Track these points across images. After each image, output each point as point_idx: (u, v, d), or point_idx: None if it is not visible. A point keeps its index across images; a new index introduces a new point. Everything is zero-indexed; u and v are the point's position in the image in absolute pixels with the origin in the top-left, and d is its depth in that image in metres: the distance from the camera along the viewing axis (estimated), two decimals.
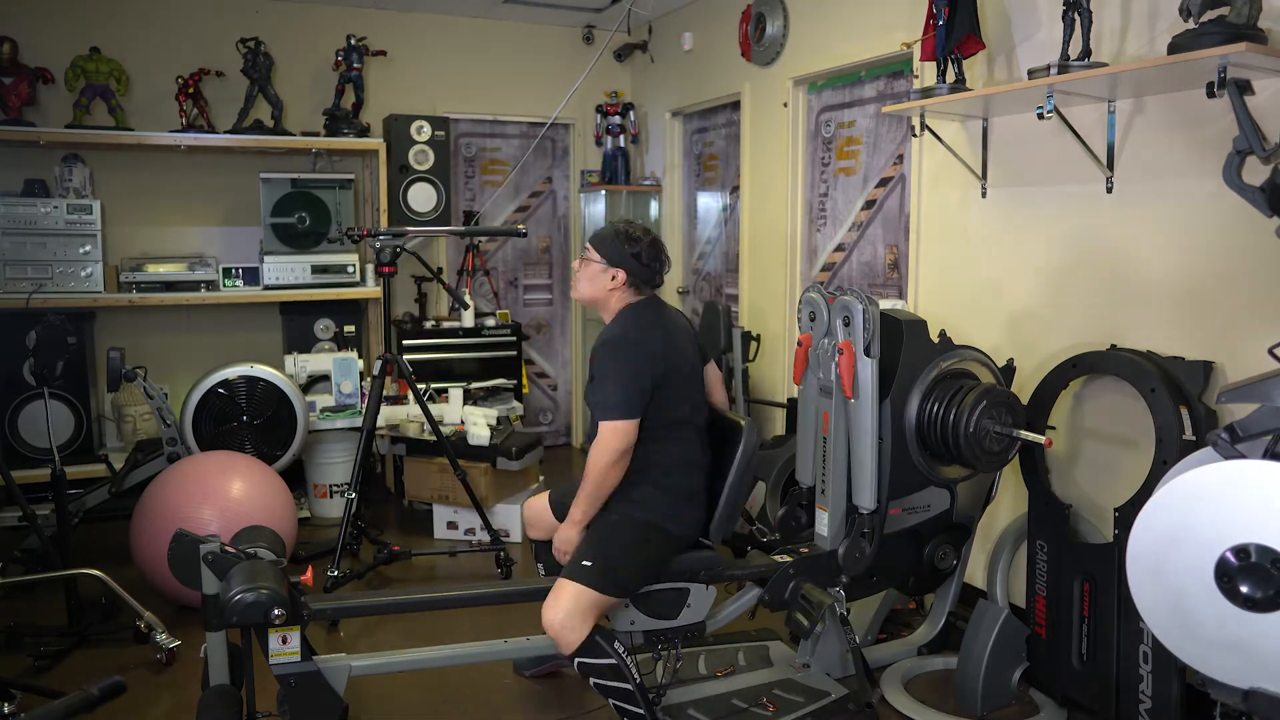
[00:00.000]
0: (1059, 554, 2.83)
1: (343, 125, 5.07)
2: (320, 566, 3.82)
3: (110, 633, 3.30)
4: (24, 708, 2.61)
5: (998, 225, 3.34)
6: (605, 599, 2.60)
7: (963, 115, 3.35)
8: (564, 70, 5.68)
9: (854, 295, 2.74)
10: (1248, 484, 1.80)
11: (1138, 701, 2.60)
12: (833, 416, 2.87)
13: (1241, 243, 2.54)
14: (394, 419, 4.69)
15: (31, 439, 4.43)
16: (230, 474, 3.63)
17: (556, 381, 6.33)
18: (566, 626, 2.52)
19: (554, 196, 6.19)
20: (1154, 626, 1.95)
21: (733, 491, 2.79)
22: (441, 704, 2.95)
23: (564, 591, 2.57)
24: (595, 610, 2.58)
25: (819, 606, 2.76)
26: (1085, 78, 2.60)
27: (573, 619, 2.53)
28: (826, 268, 4.44)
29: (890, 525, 2.85)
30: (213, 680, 2.37)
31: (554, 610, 2.55)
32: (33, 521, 3.33)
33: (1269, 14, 2.38)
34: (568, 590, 2.57)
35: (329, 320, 5.14)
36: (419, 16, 5.54)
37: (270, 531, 2.66)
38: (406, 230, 3.96)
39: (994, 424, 2.72)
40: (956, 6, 3.01)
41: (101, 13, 4.85)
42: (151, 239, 5.03)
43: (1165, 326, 2.76)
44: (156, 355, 4.93)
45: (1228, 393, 2.00)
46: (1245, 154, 2.22)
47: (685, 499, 2.75)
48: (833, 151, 4.39)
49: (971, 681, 2.86)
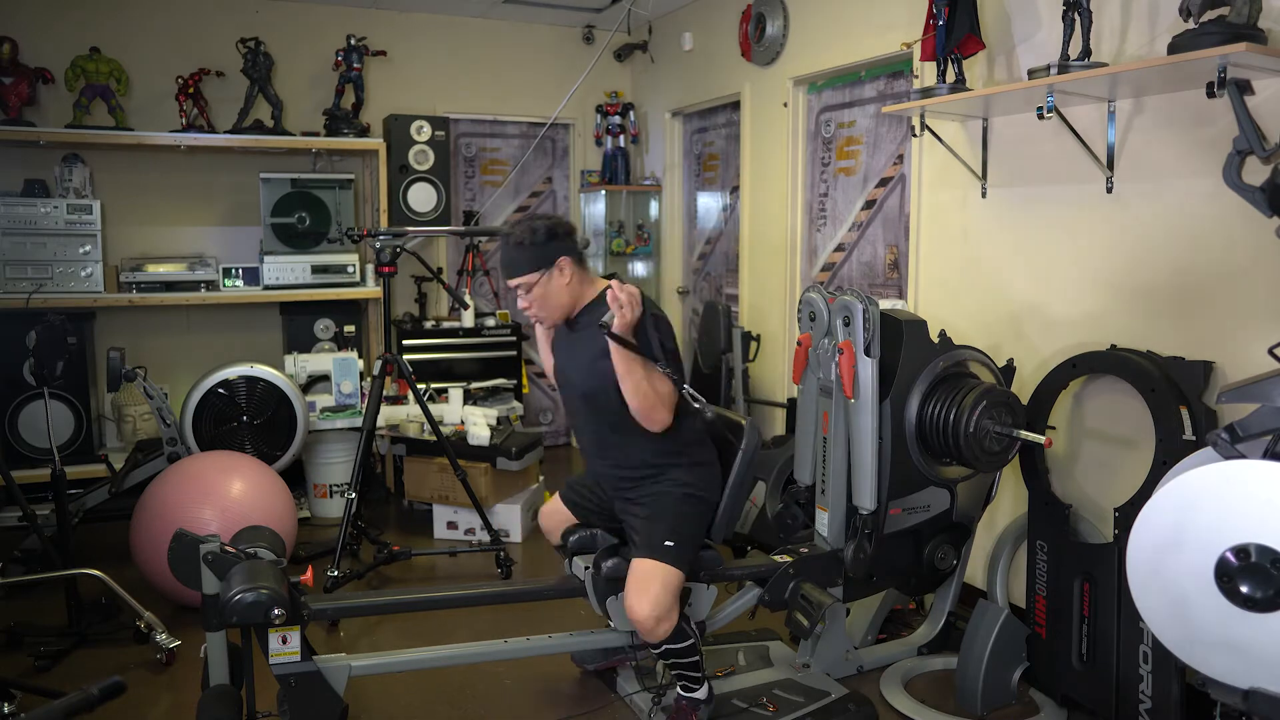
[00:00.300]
0: (1059, 554, 2.83)
1: (343, 125, 5.07)
2: (320, 566, 3.82)
3: (110, 633, 3.30)
4: (24, 708, 2.61)
5: (998, 225, 3.34)
6: (683, 578, 2.50)
7: (963, 115, 3.35)
8: (564, 70, 5.68)
9: (854, 295, 2.74)
10: (1248, 484, 1.80)
11: (1138, 701, 2.60)
12: (833, 416, 2.88)
13: (1241, 243, 2.54)
14: (394, 419, 4.69)
15: (31, 439, 4.42)
16: (230, 474, 3.63)
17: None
18: (662, 617, 2.42)
19: (554, 196, 6.19)
20: (1154, 626, 1.95)
21: (734, 491, 2.78)
22: (441, 704, 2.95)
23: (652, 580, 2.43)
24: (680, 591, 2.49)
25: (819, 606, 2.76)
26: (1085, 78, 2.60)
27: (666, 608, 2.42)
28: (826, 268, 4.44)
29: (890, 525, 2.85)
30: (213, 680, 2.37)
31: (646, 602, 2.40)
32: (33, 521, 3.33)
33: (1269, 14, 2.38)
34: (657, 576, 2.43)
35: (329, 320, 5.14)
36: (419, 16, 5.54)
37: (270, 531, 2.66)
38: (406, 230, 3.97)
39: (994, 424, 2.72)
40: (956, 6, 3.01)
41: (101, 13, 4.85)
42: (151, 239, 5.03)
43: (1165, 326, 2.76)
44: (156, 355, 4.93)
45: (1228, 393, 2.00)
46: (1245, 154, 2.22)
47: (714, 468, 2.72)
48: (833, 151, 4.39)
49: (971, 681, 2.85)
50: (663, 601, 2.43)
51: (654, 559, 2.48)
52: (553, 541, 3.01)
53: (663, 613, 2.43)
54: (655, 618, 2.42)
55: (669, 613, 2.45)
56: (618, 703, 2.94)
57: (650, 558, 2.49)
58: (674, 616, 2.46)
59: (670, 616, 2.45)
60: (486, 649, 2.75)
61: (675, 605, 2.47)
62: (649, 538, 2.52)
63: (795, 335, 3.01)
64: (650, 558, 2.49)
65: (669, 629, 2.45)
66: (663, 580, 2.45)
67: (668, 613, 2.44)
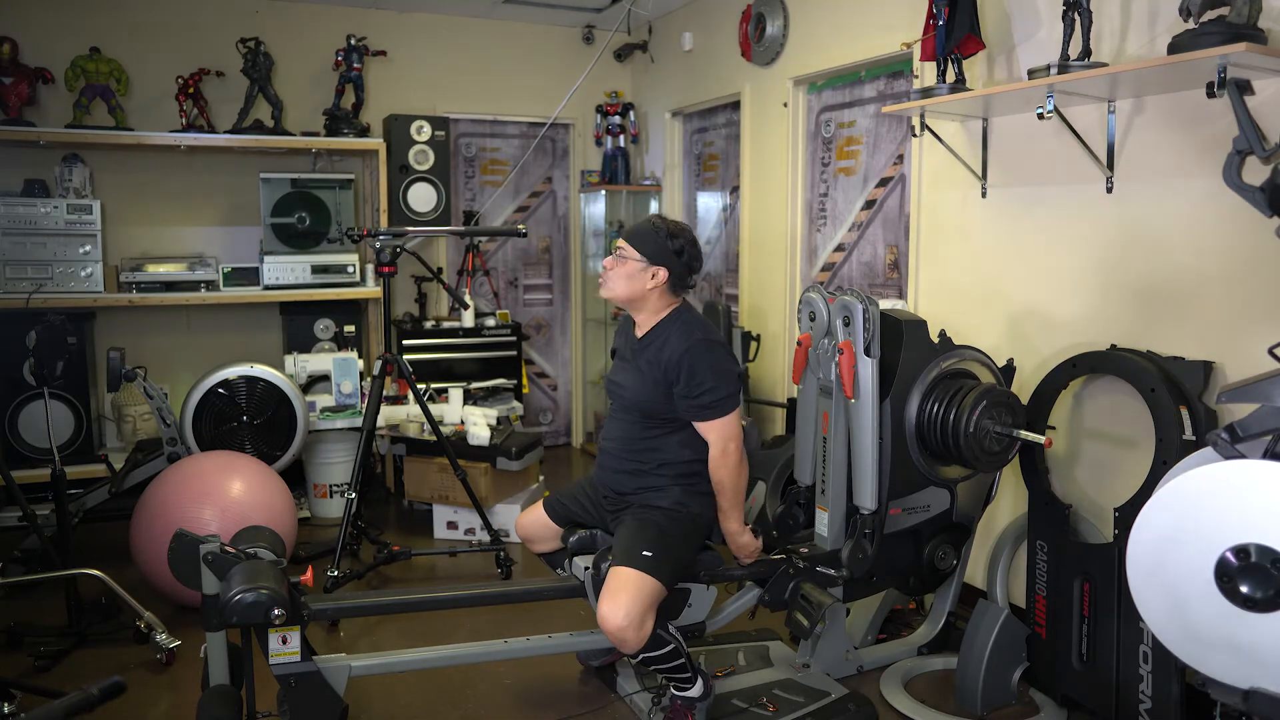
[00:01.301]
0: (1059, 554, 2.83)
1: (343, 125, 5.07)
2: (320, 566, 3.82)
3: (110, 633, 3.30)
4: (24, 708, 2.61)
5: (998, 225, 3.34)
6: (662, 590, 2.48)
7: (963, 115, 3.35)
8: (564, 70, 5.68)
9: (854, 295, 2.74)
10: (1248, 484, 1.80)
11: (1138, 701, 2.60)
12: (833, 416, 2.88)
13: (1241, 243, 2.54)
14: (394, 419, 4.69)
15: (31, 439, 4.42)
16: (230, 474, 3.62)
17: (556, 381, 6.33)
18: (631, 627, 2.40)
19: (554, 196, 6.19)
20: (1154, 626, 1.95)
21: None
22: (441, 704, 2.95)
23: (624, 588, 2.42)
24: (655, 603, 2.47)
25: (819, 606, 2.76)
26: (1085, 78, 2.59)
27: (636, 619, 2.41)
28: (826, 268, 4.44)
29: (890, 525, 2.85)
30: (213, 680, 2.37)
31: (616, 612, 2.39)
32: (33, 521, 3.33)
33: (1269, 14, 2.38)
34: (629, 586, 2.42)
35: (329, 320, 5.14)
36: (419, 16, 5.54)
37: (270, 531, 2.66)
38: (406, 230, 3.96)
39: (994, 424, 2.72)
40: (956, 6, 3.01)
41: (101, 13, 4.85)
42: (151, 239, 5.03)
43: (1165, 326, 2.76)
44: (156, 355, 4.93)
45: (1228, 393, 2.00)
46: (1245, 154, 2.22)
47: (711, 495, 2.74)
48: (833, 151, 4.39)
49: (971, 681, 2.85)
50: (633, 612, 2.40)
51: (630, 567, 2.47)
52: (533, 549, 3.06)
53: (633, 623, 2.40)
54: (624, 627, 2.40)
55: (640, 623, 2.42)
56: (618, 703, 2.95)
57: (626, 565, 2.48)
58: (647, 627, 2.44)
59: (642, 627, 2.42)
60: (486, 649, 2.75)
61: (648, 616, 2.44)
62: (629, 546, 2.53)
63: (795, 335, 3.01)
64: (626, 565, 2.48)
65: (640, 639, 2.43)
66: (636, 588, 2.43)
67: (638, 623, 2.41)
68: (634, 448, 2.76)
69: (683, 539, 2.65)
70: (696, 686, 2.68)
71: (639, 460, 2.74)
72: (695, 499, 2.71)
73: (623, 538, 2.60)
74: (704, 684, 2.70)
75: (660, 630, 2.52)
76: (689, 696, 2.68)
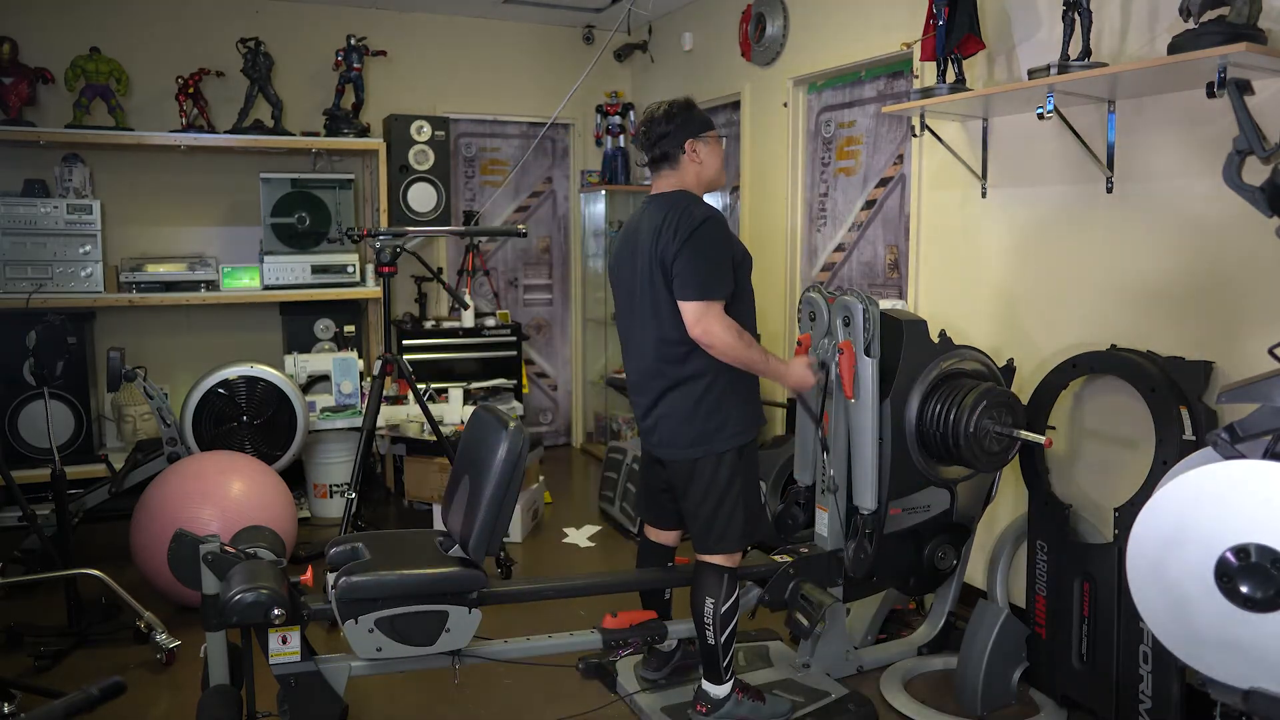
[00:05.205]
0: (1059, 554, 2.83)
1: (343, 125, 5.07)
2: (320, 566, 3.81)
3: (110, 633, 3.30)
4: (24, 708, 2.61)
5: (998, 225, 3.34)
6: (739, 554, 2.69)
7: (963, 115, 3.35)
8: (564, 70, 5.68)
9: (854, 295, 2.75)
10: (1248, 484, 1.80)
11: (1138, 701, 2.60)
12: (833, 416, 2.88)
13: (1241, 243, 2.54)
14: (394, 419, 4.69)
15: (31, 439, 4.42)
16: (230, 474, 3.63)
17: (556, 381, 6.33)
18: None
19: (554, 196, 6.19)
20: (1154, 626, 1.95)
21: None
22: (441, 704, 2.95)
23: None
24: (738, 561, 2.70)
25: (819, 606, 2.76)
26: (1085, 78, 2.60)
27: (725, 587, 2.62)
28: (826, 268, 4.44)
29: (890, 525, 2.85)
30: (213, 680, 2.37)
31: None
32: (33, 521, 3.33)
33: (1269, 14, 2.38)
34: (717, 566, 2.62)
35: (329, 320, 5.14)
36: (419, 16, 5.54)
37: (270, 531, 2.67)
38: (406, 230, 3.96)
39: (994, 424, 2.72)
40: (956, 6, 3.01)
41: (101, 13, 4.85)
42: (151, 239, 5.03)
43: (1165, 326, 2.76)
44: (156, 355, 4.93)
45: (1228, 393, 2.00)
46: (1245, 154, 2.21)
47: (755, 396, 2.77)
48: (833, 151, 4.39)
49: (971, 681, 2.85)
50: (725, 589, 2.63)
51: (705, 554, 2.66)
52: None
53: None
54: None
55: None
56: (618, 703, 2.94)
57: (703, 554, 2.66)
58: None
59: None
60: (486, 649, 2.75)
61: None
62: (711, 523, 2.64)
63: (795, 335, 3.01)
64: (703, 554, 2.66)
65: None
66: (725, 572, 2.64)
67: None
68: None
69: (753, 486, 2.70)
70: (724, 687, 2.67)
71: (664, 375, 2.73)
72: (731, 432, 2.66)
73: (691, 526, 2.69)
74: (730, 688, 2.69)
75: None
76: (716, 698, 2.67)
